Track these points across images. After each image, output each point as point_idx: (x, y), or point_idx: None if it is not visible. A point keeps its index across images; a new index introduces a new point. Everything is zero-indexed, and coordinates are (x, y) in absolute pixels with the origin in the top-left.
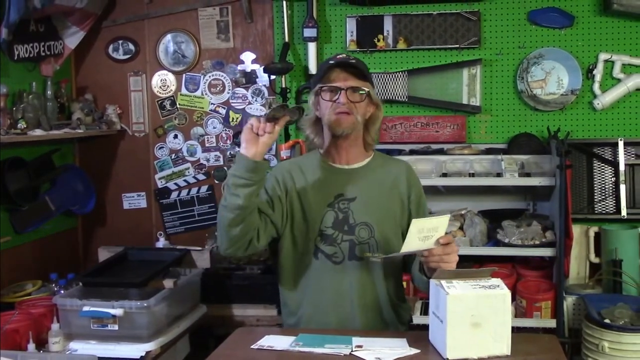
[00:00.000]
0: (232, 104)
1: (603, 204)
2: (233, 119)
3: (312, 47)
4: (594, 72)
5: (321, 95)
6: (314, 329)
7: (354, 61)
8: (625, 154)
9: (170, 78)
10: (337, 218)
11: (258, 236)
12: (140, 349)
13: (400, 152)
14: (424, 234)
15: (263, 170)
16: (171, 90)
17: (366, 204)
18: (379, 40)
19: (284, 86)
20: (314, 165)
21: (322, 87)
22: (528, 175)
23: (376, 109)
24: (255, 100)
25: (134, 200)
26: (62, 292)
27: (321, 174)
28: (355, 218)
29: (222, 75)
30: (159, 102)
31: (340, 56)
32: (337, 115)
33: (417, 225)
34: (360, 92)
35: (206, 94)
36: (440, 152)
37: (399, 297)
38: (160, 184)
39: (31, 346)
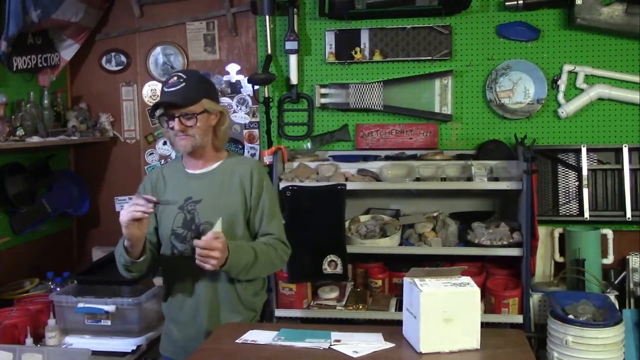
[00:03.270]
0: None
1: (567, 207)
2: None
3: (293, 58)
4: (559, 82)
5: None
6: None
7: (169, 98)
8: (587, 159)
9: (160, 88)
10: (186, 219)
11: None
12: (131, 343)
13: (376, 157)
14: None
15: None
16: None
17: (210, 205)
18: (356, 53)
19: (266, 96)
20: (174, 172)
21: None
22: (496, 179)
23: (220, 116)
24: (240, 109)
25: (126, 203)
26: (58, 289)
27: (178, 180)
28: (200, 218)
29: None
30: (149, 110)
31: (172, 81)
32: (178, 140)
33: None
34: (190, 115)
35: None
36: (414, 157)
37: (248, 286)
38: None
39: (29, 340)
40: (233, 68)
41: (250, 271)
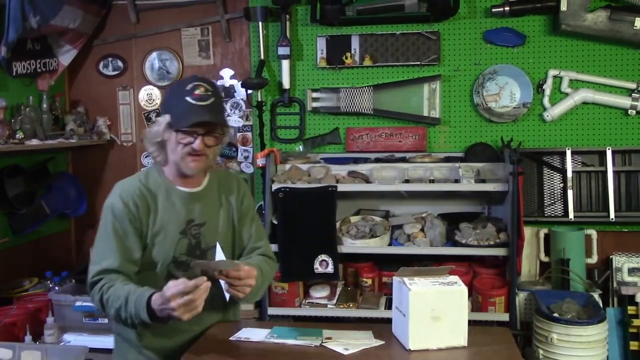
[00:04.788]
0: None
1: (552, 208)
2: None
3: (285, 64)
4: (544, 87)
5: (177, 137)
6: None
7: (208, 117)
8: (572, 162)
9: (156, 92)
10: (191, 244)
11: None
12: None
13: (366, 160)
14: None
15: None
16: (156, 103)
17: (215, 226)
18: (346, 58)
19: (259, 100)
20: (162, 189)
21: (179, 129)
22: (483, 181)
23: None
24: (234, 113)
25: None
26: (57, 288)
27: (171, 199)
28: (207, 242)
29: None
30: (145, 114)
31: (200, 92)
32: (190, 160)
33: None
34: (216, 134)
35: None
36: (403, 160)
37: (235, 302)
38: None
39: (28, 338)
40: (227, 73)
41: (257, 294)
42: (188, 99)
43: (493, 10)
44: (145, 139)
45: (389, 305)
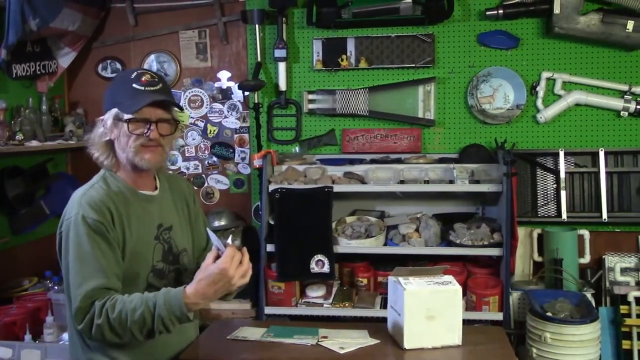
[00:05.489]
0: (210, 118)
1: (545, 208)
2: (210, 131)
3: (282, 66)
4: (537, 88)
5: (128, 127)
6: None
7: (163, 96)
8: (565, 163)
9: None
10: (164, 249)
11: None
12: None
13: (361, 161)
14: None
15: None
16: None
17: (181, 229)
18: (342, 60)
19: (256, 101)
20: (124, 195)
21: (130, 119)
22: (477, 182)
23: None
24: (231, 114)
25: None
26: (56, 287)
27: (136, 205)
28: (178, 246)
29: (200, 92)
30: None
31: (147, 79)
32: (145, 152)
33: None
34: (169, 121)
35: (186, 108)
36: (398, 161)
37: None
38: None
39: (28, 337)
40: (224, 75)
41: None
42: (135, 85)
43: (487, 13)
44: (89, 143)
45: (384, 305)
